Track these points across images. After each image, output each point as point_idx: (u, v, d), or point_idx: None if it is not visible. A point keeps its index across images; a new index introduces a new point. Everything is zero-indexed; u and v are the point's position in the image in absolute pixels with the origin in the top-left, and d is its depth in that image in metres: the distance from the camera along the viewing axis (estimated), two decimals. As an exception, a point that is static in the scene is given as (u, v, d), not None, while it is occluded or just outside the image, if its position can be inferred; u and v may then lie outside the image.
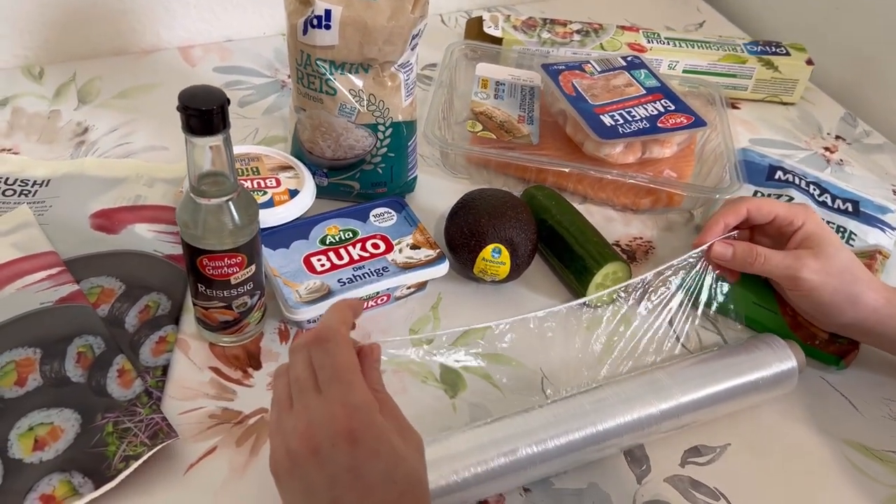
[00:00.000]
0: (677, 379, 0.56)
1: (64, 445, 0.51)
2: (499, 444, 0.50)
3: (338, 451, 0.38)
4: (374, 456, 0.38)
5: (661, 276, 0.62)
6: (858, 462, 0.58)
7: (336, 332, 0.42)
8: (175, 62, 0.91)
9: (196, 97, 0.47)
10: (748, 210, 0.60)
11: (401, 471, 0.39)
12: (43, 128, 0.79)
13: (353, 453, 0.38)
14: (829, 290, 0.57)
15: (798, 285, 0.58)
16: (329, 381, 0.40)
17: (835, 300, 0.57)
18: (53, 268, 0.62)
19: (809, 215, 0.59)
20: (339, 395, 0.39)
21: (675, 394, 0.55)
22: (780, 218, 0.60)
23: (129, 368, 0.56)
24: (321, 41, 0.63)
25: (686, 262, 0.62)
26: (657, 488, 0.54)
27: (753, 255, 0.59)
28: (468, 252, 0.64)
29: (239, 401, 0.57)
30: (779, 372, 0.58)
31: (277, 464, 0.40)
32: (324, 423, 0.39)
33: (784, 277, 0.59)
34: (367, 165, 0.70)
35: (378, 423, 0.39)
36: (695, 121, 0.75)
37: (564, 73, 0.80)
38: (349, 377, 0.40)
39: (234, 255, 0.54)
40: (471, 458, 0.49)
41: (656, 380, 0.56)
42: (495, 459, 0.49)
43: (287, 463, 0.39)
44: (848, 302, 0.57)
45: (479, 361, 0.61)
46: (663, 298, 0.63)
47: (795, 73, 0.94)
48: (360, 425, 0.38)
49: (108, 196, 0.71)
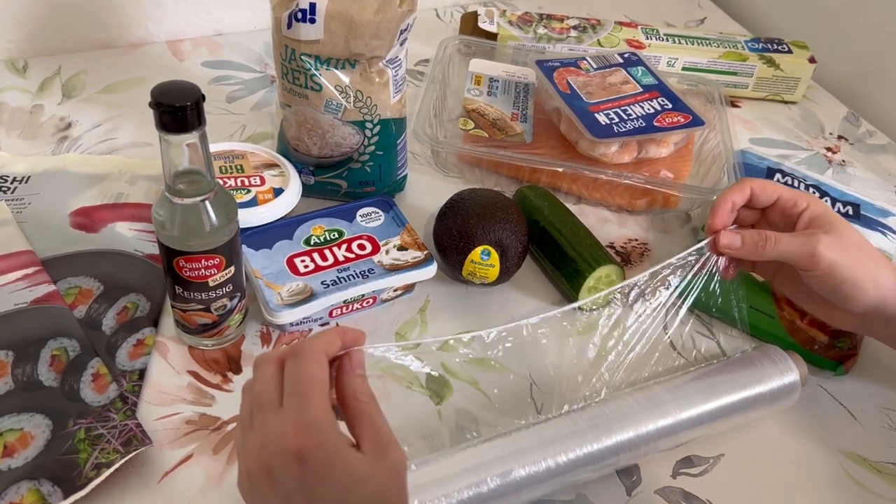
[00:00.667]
0: (676, 395, 0.54)
1: (34, 452, 0.49)
2: (491, 466, 0.48)
3: (287, 472, 0.36)
4: (324, 479, 0.36)
5: (658, 277, 0.60)
6: (856, 474, 0.56)
7: (308, 347, 0.40)
8: (163, 56, 0.90)
9: (169, 93, 0.46)
10: (752, 189, 0.57)
11: (359, 494, 0.37)
12: (25, 123, 0.78)
13: (302, 475, 0.36)
14: (849, 265, 0.53)
15: (816, 263, 0.53)
16: (289, 395, 0.38)
17: (856, 276, 0.53)
18: (30, 267, 0.61)
19: (813, 198, 0.57)
20: (294, 412, 0.37)
21: (674, 410, 0.53)
22: (784, 199, 0.57)
23: (104, 372, 0.54)
24: (306, 35, 0.61)
25: (685, 260, 0.59)
26: (648, 500, 0.53)
27: (764, 239, 0.55)
28: (457, 254, 0.62)
29: (217, 406, 0.55)
30: (781, 386, 0.56)
31: (240, 484, 0.39)
32: (276, 440, 0.37)
33: (800, 256, 0.54)
34: (355, 164, 0.68)
35: (330, 443, 0.37)
36: (692, 120, 0.73)
37: (559, 70, 0.78)
38: (307, 391, 0.38)
39: (211, 256, 0.52)
40: (462, 482, 0.47)
41: (655, 395, 0.54)
42: (488, 482, 0.47)
43: (247, 483, 0.38)
44: (869, 278, 0.53)
45: (466, 366, 0.59)
46: (659, 302, 0.61)
47: (797, 71, 0.92)
48: (309, 444, 0.36)
49: (89, 193, 0.69)
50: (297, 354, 0.40)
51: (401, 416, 0.55)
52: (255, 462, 0.37)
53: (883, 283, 0.53)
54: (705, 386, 0.55)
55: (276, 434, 0.37)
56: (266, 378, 0.40)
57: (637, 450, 0.52)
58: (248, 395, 0.41)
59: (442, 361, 0.60)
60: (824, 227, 0.54)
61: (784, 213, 0.57)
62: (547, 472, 0.49)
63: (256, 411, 0.39)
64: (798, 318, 0.62)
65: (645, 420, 0.52)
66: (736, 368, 0.57)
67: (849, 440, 0.58)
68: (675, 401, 0.53)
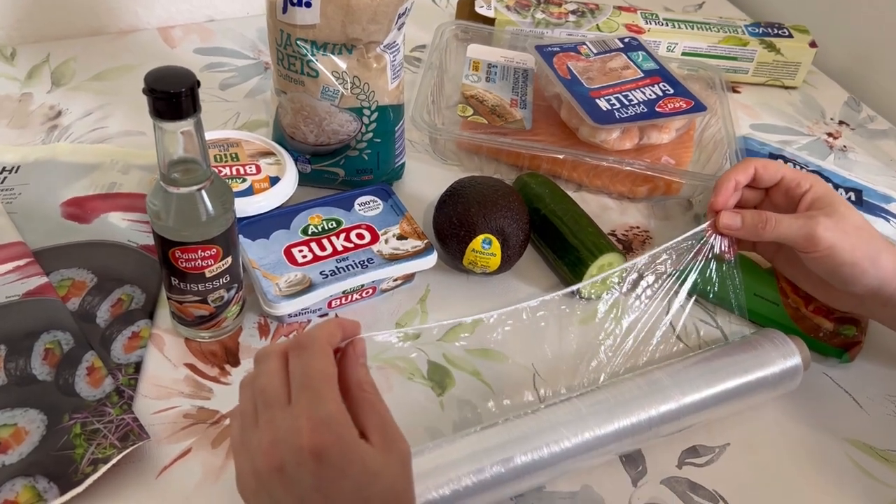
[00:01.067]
0: (678, 379, 0.53)
1: (28, 448, 0.48)
2: (492, 453, 0.47)
3: (303, 470, 0.35)
4: (342, 475, 0.35)
5: (658, 261, 0.59)
6: (863, 462, 0.55)
7: (314, 340, 0.39)
8: (154, 43, 0.88)
9: (163, 79, 0.44)
10: (756, 168, 0.57)
11: (375, 488, 0.36)
12: (14, 111, 0.76)
13: (319, 472, 0.35)
14: (849, 247, 0.53)
15: (815, 244, 0.53)
16: (298, 391, 0.37)
17: (855, 258, 0.53)
18: (21, 259, 0.59)
19: (816, 179, 0.56)
20: (306, 407, 0.36)
21: (676, 395, 0.52)
22: (787, 179, 0.56)
23: (99, 366, 0.53)
24: (301, 20, 0.60)
25: (686, 243, 0.59)
26: (653, 491, 0.52)
27: (764, 220, 0.55)
28: (457, 243, 0.61)
29: (215, 399, 0.54)
30: (783, 370, 0.55)
31: (244, 484, 0.37)
32: (288, 438, 0.35)
33: (799, 238, 0.54)
34: (352, 151, 0.67)
35: (347, 438, 0.36)
36: (694, 105, 0.72)
37: (559, 56, 0.77)
38: (319, 386, 0.37)
39: (208, 246, 0.51)
40: (463, 468, 0.46)
41: (656, 380, 0.53)
42: (489, 469, 0.46)
43: (253, 483, 0.37)
44: (868, 260, 0.53)
45: (467, 356, 0.58)
46: (659, 287, 0.60)
47: (798, 55, 0.91)
48: (326, 441, 0.35)
49: (80, 183, 0.67)
50: (304, 348, 0.39)
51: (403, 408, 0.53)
52: (263, 461, 0.36)
53: (883, 265, 0.54)
54: (707, 370, 0.55)
55: (289, 431, 0.36)
56: (271, 373, 0.39)
57: (639, 435, 0.51)
58: (249, 390, 0.40)
59: (443, 352, 0.59)
60: (825, 208, 0.54)
61: (787, 194, 0.57)
62: (550, 458, 0.48)
63: (262, 408, 0.38)
64: (803, 306, 0.61)
65: (646, 405, 0.52)
66: (737, 352, 0.56)
67: (855, 428, 0.57)
68: (677, 385, 0.53)
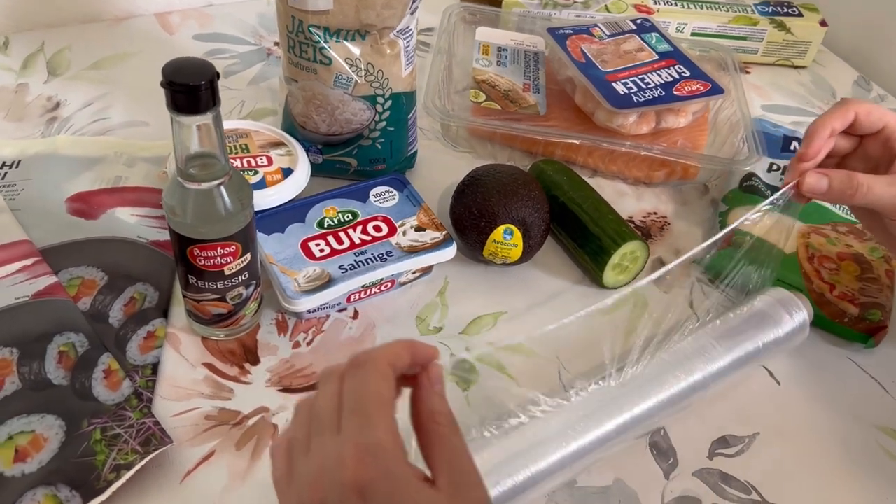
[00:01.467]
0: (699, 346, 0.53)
1: (48, 456, 0.47)
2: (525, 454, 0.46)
3: None
4: None
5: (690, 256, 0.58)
6: (893, 449, 0.55)
7: (373, 359, 0.35)
8: (152, 30, 0.85)
9: (182, 71, 0.42)
10: (857, 114, 0.51)
11: None
12: (10, 103, 0.73)
13: None
14: None
15: None
16: (348, 415, 0.33)
17: None
18: (28, 258, 0.57)
19: None
20: (353, 433, 0.32)
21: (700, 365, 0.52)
22: (891, 128, 0.51)
23: (115, 368, 0.52)
24: (314, 6, 0.57)
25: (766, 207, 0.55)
26: (686, 483, 0.51)
27: (855, 185, 0.50)
28: (477, 233, 0.60)
29: (237, 400, 0.53)
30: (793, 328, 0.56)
31: None
32: (333, 470, 0.31)
33: (892, 207, 0.49)
34: (365, 140, 0.65)
35: (397, 473, 0.32)
36: (712, 88, 0.71)
37: (572, 38, 0.75)
38: (370, 410, 0.33)
39: (227, 243, 0.49)
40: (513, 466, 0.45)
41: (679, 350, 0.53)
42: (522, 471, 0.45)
43: None
44: None
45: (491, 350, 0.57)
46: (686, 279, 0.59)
47: (808, 35, 0.90)
48: (371, 474, 0.31)
49: (84, 177, 0.65)
50: (359, 366, 0.35)
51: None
52: (308, 496, 0.32)
53: None
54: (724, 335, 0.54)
55: (334, 461, 0.32)
56: (329, 395, 0.35)
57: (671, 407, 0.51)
58: (305, 412, 0.36)
59: (466, 346, 0.58)
60: None
61: (886, 144, 0.51)
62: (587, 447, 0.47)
63: (314, 434, 0.34)
64: (828, 291, 0.60)
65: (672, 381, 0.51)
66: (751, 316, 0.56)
67: (882, 414, 0.57)
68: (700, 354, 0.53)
